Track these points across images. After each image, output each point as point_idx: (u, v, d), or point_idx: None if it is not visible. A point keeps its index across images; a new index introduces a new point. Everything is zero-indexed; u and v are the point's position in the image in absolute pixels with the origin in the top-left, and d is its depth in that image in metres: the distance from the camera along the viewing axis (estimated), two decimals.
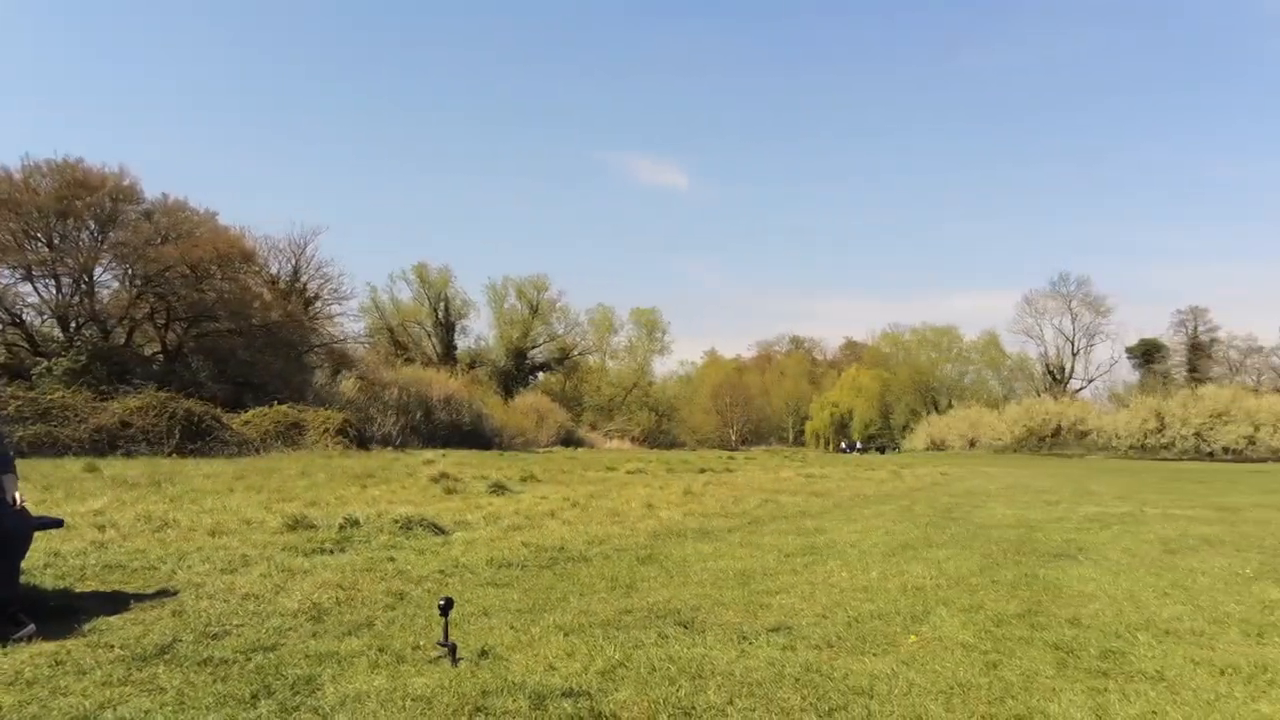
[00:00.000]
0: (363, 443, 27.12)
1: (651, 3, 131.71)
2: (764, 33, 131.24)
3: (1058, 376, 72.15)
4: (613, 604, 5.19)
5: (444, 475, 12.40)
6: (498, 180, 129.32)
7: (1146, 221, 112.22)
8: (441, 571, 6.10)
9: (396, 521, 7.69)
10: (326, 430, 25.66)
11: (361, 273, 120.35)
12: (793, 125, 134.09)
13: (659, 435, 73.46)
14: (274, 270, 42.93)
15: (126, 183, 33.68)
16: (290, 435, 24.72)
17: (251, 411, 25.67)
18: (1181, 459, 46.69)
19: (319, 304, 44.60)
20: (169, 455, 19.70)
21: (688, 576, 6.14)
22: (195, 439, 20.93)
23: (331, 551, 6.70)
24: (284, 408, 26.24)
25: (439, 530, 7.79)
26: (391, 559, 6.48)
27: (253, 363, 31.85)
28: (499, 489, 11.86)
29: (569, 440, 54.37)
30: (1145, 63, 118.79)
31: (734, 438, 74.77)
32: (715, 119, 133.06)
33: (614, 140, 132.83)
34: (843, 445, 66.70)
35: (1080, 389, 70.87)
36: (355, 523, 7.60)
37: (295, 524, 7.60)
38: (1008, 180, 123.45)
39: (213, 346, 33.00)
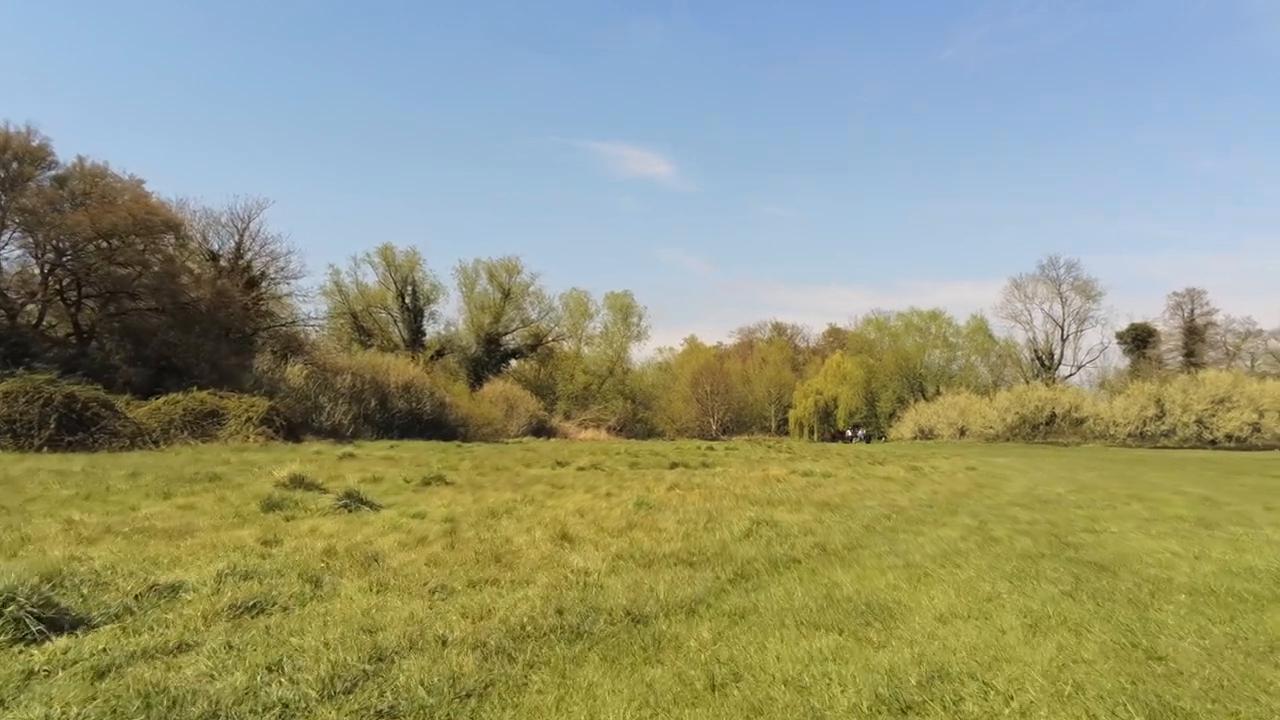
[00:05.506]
0: (293, 433, 23.92)
1: None
2: (748, 22, 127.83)
3: (1046, 363, 69.71)
4: None
5: (294, 479, 8.85)
6: (481, 168, 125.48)
7: (1134, 209, 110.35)
8: None
9: None
10: (249, 420, 22.43)
11: (332, 257, 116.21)
12: (777, 115, 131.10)
13: (636, 424, 70.47)
14: (215, 247, 39.43)
15: (35, 143, 30.16)
16: (203, 426, 21.46)
17: (161, 399, 22.38)
18: (1183, 447, 44.41)
19: (265, 284, 41.10)
20: (38, 449, 16.45)
21: None
22: (76, 430, 17.65)
23: None
24: (202, 394, 22.95)
25: (52, 626, 3.96)
26: None
27: (177, 345, 28.45)
28: (350, 504, 8.34)
29: (540, 430, 51.32)
30: (1132, 50, 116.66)
31: (714, 427, 71.90)
32: (699, 109, 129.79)
33: (598, 130, 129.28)
34: (848, 434, 63.46)
35: (1069, 375, 68.51)
36: None
37: None
38: (992, 170, 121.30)
39: (136, 326, 29.52)
